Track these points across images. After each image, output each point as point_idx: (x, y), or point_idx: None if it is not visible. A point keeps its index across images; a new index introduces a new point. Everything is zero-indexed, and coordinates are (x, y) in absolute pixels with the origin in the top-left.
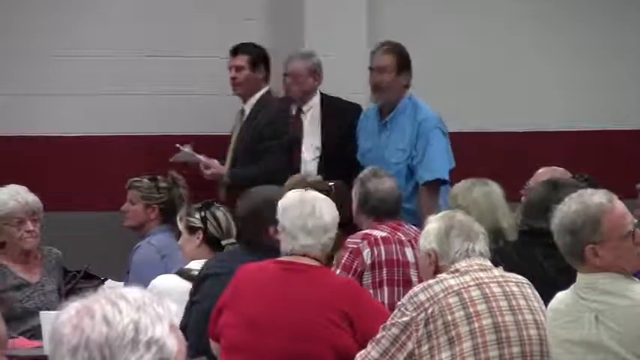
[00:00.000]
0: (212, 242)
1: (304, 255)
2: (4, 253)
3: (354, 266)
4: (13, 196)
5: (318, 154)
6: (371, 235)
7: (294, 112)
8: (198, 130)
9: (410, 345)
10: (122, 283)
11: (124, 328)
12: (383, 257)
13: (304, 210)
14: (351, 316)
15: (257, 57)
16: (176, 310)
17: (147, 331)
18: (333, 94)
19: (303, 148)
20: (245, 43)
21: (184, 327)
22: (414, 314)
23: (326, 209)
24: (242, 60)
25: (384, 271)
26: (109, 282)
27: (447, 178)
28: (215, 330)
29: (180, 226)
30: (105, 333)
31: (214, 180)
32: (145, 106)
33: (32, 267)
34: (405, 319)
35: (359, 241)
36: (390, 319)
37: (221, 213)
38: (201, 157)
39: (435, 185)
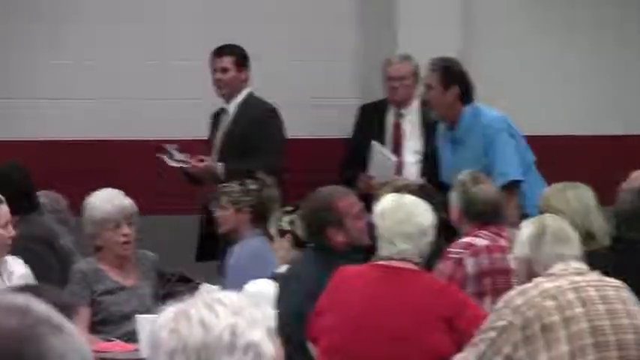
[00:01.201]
0: (300, 245)
1: (401, 259)
2: (101, 257)
3: (457, 277)
4: (110, 200)
5: (419, 157)
6: (473, 244)
7: (393, 116)
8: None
9: (507, 349)
10: (218, 287)
11: (221, 332)
12: (486, 267)
13: (400, 215)
14: (450, 320)
15: (241, 58)
16: (273, 315)
17: (244, 335)
18: None
19: (405, 152)
20: (229, 44)
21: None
22: (511, 318)
23: (423, 214)
24: (228, 61)
25: (487, 281)
26: (205, 286)
27: (519, 178)
28: (313, 332)
29: (272, 229)
30: (202, 337)
31: (204, 175)
32: None
33: (127, 271)
34: (501, 323)
35: (461, 250)
36: (487, 323)
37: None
38: (187, 158)
39: (511, 188)
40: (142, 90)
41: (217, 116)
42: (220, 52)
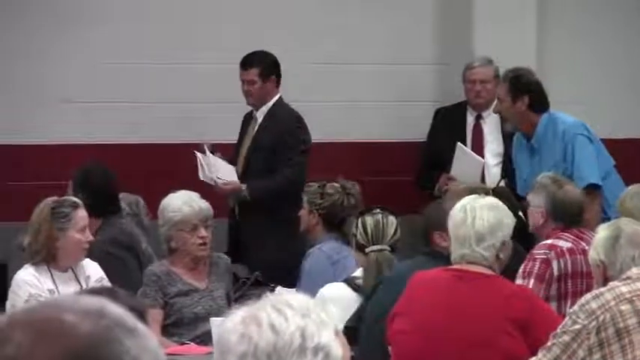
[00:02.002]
0: (360, 249)
1: (473, 263)
2: (174, 260)
3: (546, 276)
4: (187, 202)
5: (500, 159)
6: (557, 246)
7: (473, 119)
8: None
9: (581, 353)
10: (293, 291)
11: (291, 336)
12: (569, 269)
13: (466, 218)
14: (524, 324)
15: (267, 67)
16: (339, 316)
17: (313, 338)
18: None
19: (485, 154)
20: (255, 53)
21: (354, 330)
22: (586, 322)
23: (490, 217)
24: (253, 74)
25: (569, 283)
26: (279, 289)
27: (598, 182)
28: (389, 335)
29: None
30: (272, 341)
31: (229, 194)
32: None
33: (201, 273)
34: (576, 326)
35: (547, 251)
36: (561, 326)
37: (372, 219)
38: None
39: (591, 191)
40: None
41: (246, 120)
42: (245, 63)
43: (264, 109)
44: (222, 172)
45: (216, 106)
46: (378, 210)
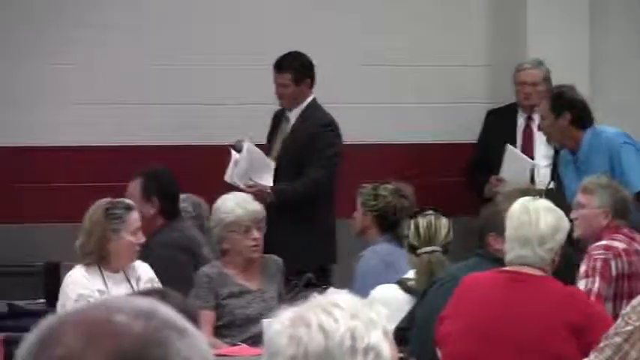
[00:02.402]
0: (412, 250)
1: (528, 265)
2: (227, 261)
3: (608, 275)
4: (240, 203)
5: (550, 161)
6: (613, 246)
7: (524, 121)
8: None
9: (634, 354)
10: (344, 292)
11: (342, 337)
12: (626, 270)
13: (523, 219)
14: (578, 327)
15: (300, 70)
16: (390, 317)
17: (363, 339)
18: None
19: (536, 155)
20: (288, 55)
21: (406, 331)
22: (637, 323)
23: (546, 219)
24: (285, 78)
25: (625, 284)
26: (332, 290)
27: None
28: (438, 337)
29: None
30: (323, 343)
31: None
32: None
33: (253, 274)
34: (628, 328)
35: (605, 251)
36: (613, 328)
37: (424, 220)
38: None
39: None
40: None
41: (278, 118)
42: (279, 66)
43: (298, 110)
44: (258, 170)
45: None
46: (431, 211)
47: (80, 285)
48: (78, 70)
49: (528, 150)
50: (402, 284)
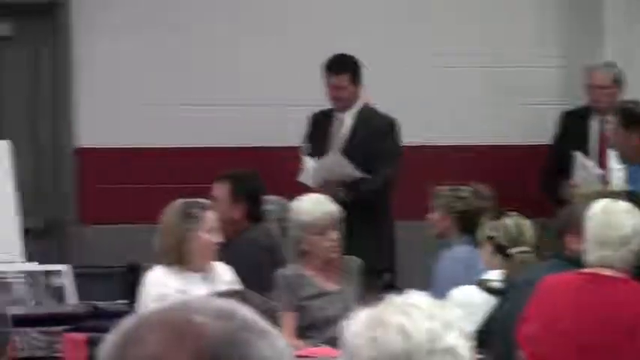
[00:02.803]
0: (501, 251)
1: (609, 266)
2: (306, 262)
3: None
4: (318, 205)
5: (624, 165)
6: None
7: (597, 123)
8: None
9: None
10: (422, 293)
11: (421, 338)
12: None
13: (603, 221)
14: None
15: (355, 71)
16: (470, 318)
17: (441, 340)
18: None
19: (610, 159)
20: (342, 56)
21: (486, 334)
22: None
23: (628, 220)
24: (343, 80)
25: None
26: (410, 292)
27: None
28: (519, 339)
29: (480, 236)
30: (402, 344)
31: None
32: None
33: (332, 275)
34: None
35: None
36: None
37: (511, 221)
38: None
39: None
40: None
41: (320, 120)
42: (336, 69)
43: (353, 111)
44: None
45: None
46: (515, 213)
47: (160, 284)
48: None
49: (603, 153)
50: (482, 285)
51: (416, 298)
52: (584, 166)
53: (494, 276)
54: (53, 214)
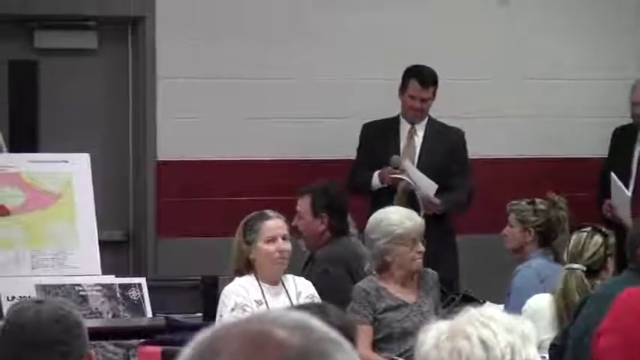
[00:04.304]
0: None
1: None
2: (384, 275)
3: None
4: (407, 216)
5: None
6: None
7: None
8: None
9: None
10: (501, 307)
11: (502, 351)
12: None
13: None
14: None
15: (437, 85)
16: (545, 328)
17: (521, 353)
18: None
19: None
20: (428, 69)
21: (560, 348)
22: None
23: None
24: (430, 92)
25: None
26: (488, 305)
27: None
28: (595, 353)
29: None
30: (484, 356)
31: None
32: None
33: (410, 287)
34: None
35: None
36: None
37: (576, 237)
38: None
39: None
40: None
41: (388, 132)
42: (427, 81)
43: (423, 124)
44: (423, 184)
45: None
46: (588, 228)
47: (237, 294)
48: None
49: None
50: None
51: (493, 311)
52: (616, 186)
53: None
54: (132, 226)
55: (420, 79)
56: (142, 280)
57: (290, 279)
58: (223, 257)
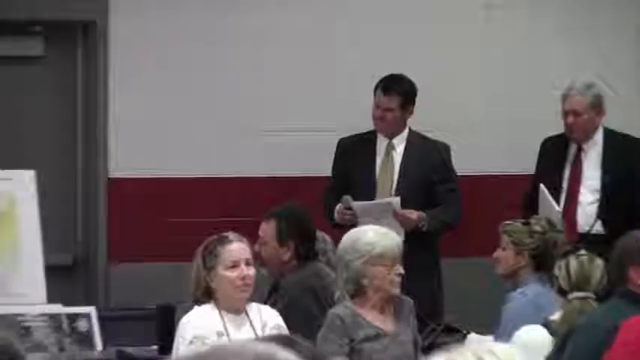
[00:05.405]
0: (562, 293)
1: None
2: (360, 301)
3: None
4: (384, 234)
5: None
6: None
7: None
8: None
9: None
10: (488, 337)
11: None
12: None
13: None
14: None
15: (407, 95)
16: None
17: None
18: None
19: None
20: (396, 78)
21: None
22: None
23: None
24: (394, 102)
25: None
26: (472, 335)
27: None
28: None
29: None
30: None
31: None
32: None
33: (387, 315)
34: None
35: None
36: None
37: (576, 262)
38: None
39: None
40: None
41: (360, 147)
42: (390, 89)
43: (402, 137)
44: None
45: None
46: (584, 251)
47: (196, 325)
48: None
49: None
50: (548, 326)
51: (495, 344)
52: (545, 201)
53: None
54: (80, 249)
55: (383, 86)
56: (92, 310)
57: (254, 308)
58: (181, 284)
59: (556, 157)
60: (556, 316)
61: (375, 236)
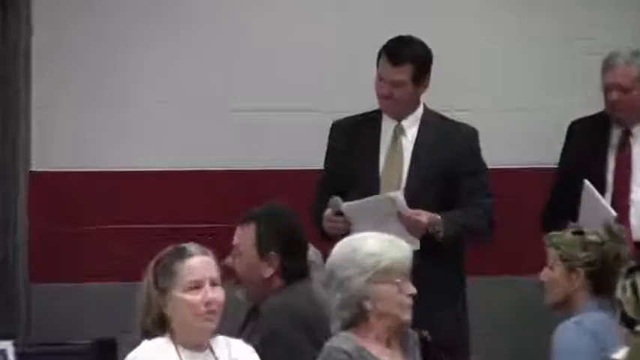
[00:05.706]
0: (627, 323)
1: None
2: (362, 331)
3: None
4: (391, 243)
5: None
6: None
7: None
8: None
9: None
10: None
11: None
12: None
13: None
14: None
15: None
16: None
17: None
18: None
19: None
20: (405, 41)
21: None
22: None
23: None
24: (404, 73)
25: None
26: None
27: None
28: None
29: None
30: None
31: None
32: None
33: (395, 348)
34: None
35: None
36: None
37: None
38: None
39: None
40: None
41: (358, 129)
42: (400, 58)
43: (415, 118)
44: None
45: None
46: None
47: None
48: None
49: None
50: None
51: None
52: (593, 199)
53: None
54: None
55: (389, 52)
56: (8, 345)
57: (222, 342)
58: (126, 310)
59: (594, 143)
60: (620, 355)
61: (379, 245)
